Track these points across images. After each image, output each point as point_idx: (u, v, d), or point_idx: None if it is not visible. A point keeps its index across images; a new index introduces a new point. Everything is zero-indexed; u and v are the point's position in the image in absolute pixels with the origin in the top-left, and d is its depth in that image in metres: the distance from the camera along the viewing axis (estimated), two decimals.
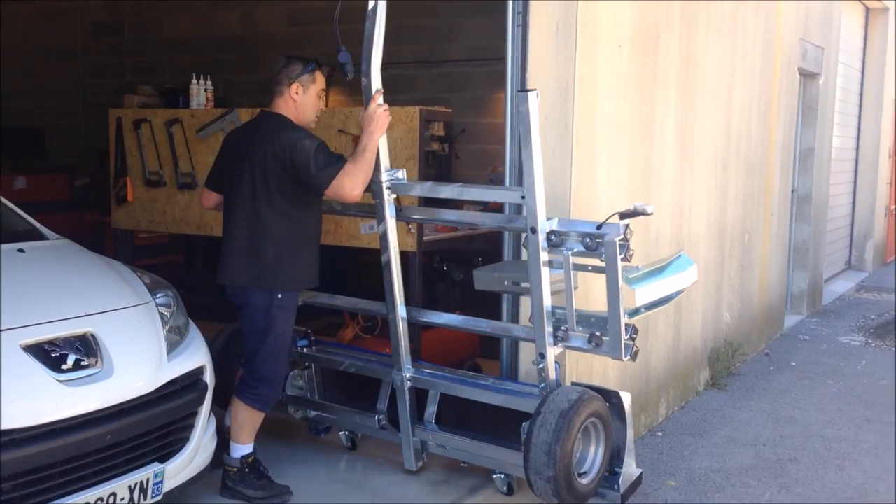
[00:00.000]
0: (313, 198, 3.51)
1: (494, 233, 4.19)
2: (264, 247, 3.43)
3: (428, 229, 4.34)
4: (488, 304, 4.13)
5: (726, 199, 5.85)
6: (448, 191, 3.60)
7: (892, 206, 12.19)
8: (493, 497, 3.58)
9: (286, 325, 3.53)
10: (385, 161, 3.51)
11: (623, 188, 4.35)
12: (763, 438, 4.76)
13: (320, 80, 3.57)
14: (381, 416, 3.79)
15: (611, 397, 3.43)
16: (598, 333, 3.27)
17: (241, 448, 3.52)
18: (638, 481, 3.56)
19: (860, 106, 10.54)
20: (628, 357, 3.23)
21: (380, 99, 3.45)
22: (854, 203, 11.00)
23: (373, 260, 4.46)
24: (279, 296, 3.46)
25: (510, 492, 3.56)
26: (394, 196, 3.56)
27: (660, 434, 4.72)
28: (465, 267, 5.58)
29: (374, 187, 3.49)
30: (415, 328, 3.89)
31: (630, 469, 3.49)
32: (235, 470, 3.51)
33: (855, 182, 10.90)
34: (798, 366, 6.42)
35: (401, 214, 3.62)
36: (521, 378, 3.93)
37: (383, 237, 3.56)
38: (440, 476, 3.76)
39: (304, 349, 4.09)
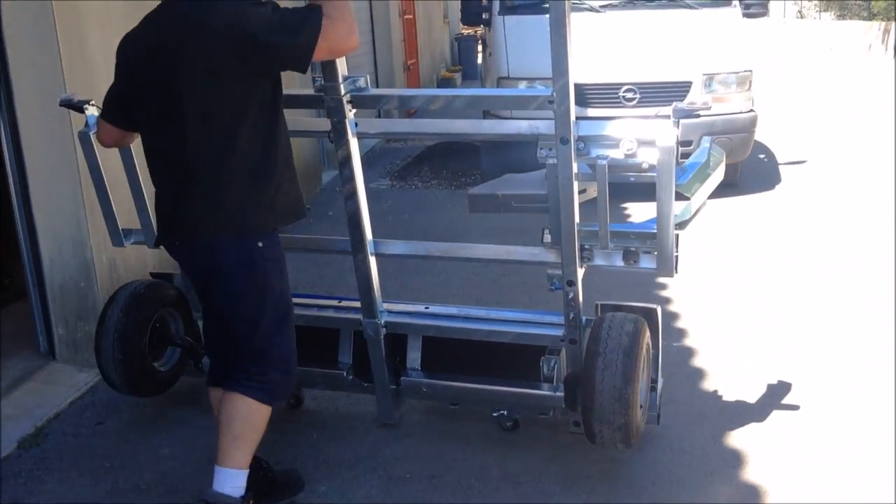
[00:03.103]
0: (278, 93, 2.57)
1: None
2: (235, 176, 2.44)
3: None
4: None
5: None
6: (441, 99, 2.86)
7: (409, 62, 13.51)
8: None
9: (283, 280, 2.64)
10: (342, 66, 2.72)
11: None
12: (304, 282, 5.23)
13: None
14: (348, 371, 3.28)
15: (644, 313, 3.02)
16: (633, 249, 2.87)
17: (238, 476, 2.54)
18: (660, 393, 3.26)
19: None
20: (677, 272, 2.85)
21: None
22: (375, 62, 11.95)
23: None
24: (259, 243, 2.52)
25: (516, 427, 3.30)
26: (354, 111, 2.83)
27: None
28: None
29: (329, 103, 2.75)
30: None
31: (660, 385, 3.18)
32: None
33: (374, 42, 11.81)
34: (334, 215, 7.05)
35: (357, 131, 2.87)
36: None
37: (345, 163, 2.86)
38: None
39: None
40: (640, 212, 6.32)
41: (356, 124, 2.86)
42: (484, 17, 7.45)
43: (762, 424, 3.40)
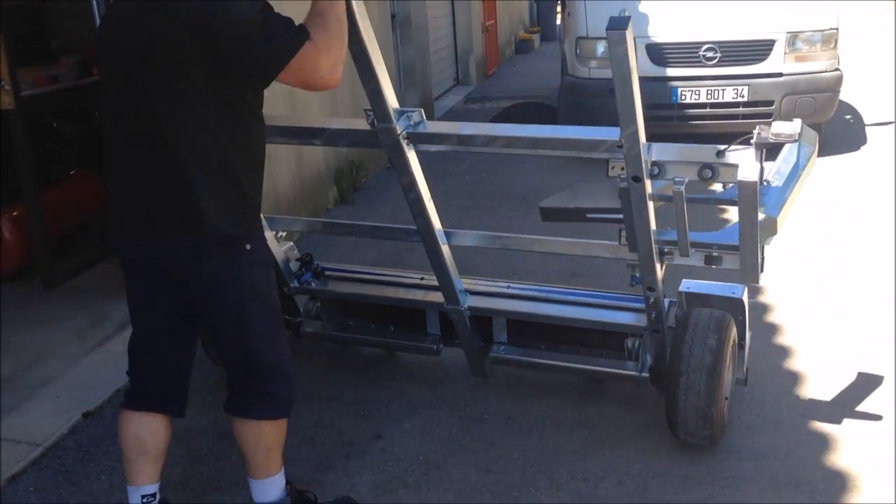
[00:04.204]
0: (254, 93, 2.29)
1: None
2: (216, 171, 2.19)
3: (25, 84, 4.16)
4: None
5: None
6: (502, 139, 2.74)
7: (487, 23, 13.52)
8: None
9: (271, 284, 2.41)
10: (391, 98, 2.55)
11: None
12: (367, 261, 5.37)
13: None
14: (437, 342, 3.42)
15: (729, 305, 3.02)
16: (715, 254, 2.83)
17: (277, 481, 2.51)
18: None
19: None
20: (762, 271, 2.81)
21: None
22: (454, 23, 12.02)
23: None
24: (248, 245, 2.29)
25: (600, 381, 3.46)
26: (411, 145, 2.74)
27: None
28: (79, 123, 5.42)
29: (386, 141, 2.66)
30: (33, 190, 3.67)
31: (748, 341, 3.17)
32: None
33: (452, 3, 11.87)
34: None
35: (418, 146, 2.79)
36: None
37: (410, 188, 2.84)
38: None
39: (312, 283, 3.40)
40: None
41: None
42: None
43: (835, 379, 3.45)
